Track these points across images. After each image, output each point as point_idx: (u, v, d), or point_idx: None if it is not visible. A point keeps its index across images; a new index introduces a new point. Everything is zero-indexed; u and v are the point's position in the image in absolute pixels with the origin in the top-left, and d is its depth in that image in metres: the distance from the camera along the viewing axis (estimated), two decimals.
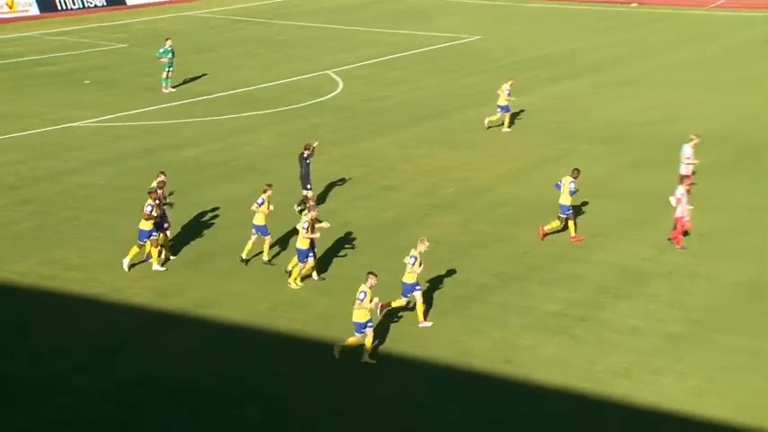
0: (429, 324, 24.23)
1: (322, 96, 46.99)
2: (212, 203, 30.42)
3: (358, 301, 22.33)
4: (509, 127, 40.50)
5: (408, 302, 24.43)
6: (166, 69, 45.85)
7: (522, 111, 43.46)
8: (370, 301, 22.26)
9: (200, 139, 38.98)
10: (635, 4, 74.51)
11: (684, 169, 31.63)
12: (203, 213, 29.76)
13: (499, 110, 40.48)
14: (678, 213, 28.22)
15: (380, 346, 22.62)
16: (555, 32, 64.31)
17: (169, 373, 21.62)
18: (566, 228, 29.71)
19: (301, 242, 25.96)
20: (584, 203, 31.76)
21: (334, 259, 27.80)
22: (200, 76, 49.53)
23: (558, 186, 29.79)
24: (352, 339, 22.54)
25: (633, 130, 41.02)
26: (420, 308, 24.08)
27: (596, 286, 26.28)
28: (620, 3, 75.58)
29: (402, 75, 52.22)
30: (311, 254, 25.89)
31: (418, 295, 24.01)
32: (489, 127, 40.15)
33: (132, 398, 20.63)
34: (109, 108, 43.00)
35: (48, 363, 21.65)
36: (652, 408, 20.86)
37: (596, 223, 29.91)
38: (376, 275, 22.42)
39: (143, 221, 26.02)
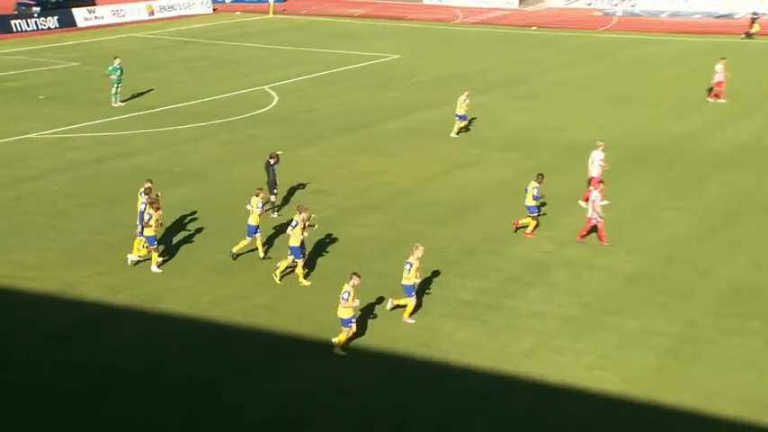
0: (411, 321, 24.31)
1: (260, 109, 46.86)
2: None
3: (342, 300, 22.29)
4: (457, 134, 41.42)
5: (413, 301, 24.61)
6: (115, 85, 45.25)
7: (447, 121, 43.56)
8: (353, 300, 22.27)
9: (148, 149, 38.56)
10: (535, 28, 75.27)
11: (595, 171, 32.12)
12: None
13: (457, 119, 41.16)
14: (589, 214, 28.70)
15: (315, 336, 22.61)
16: (469, 53, 64.66)
17: (144, 368, 21.17)
18: (537, 225, 30.22)
19: (293, 241, 25.97)
20: (496, 203, 32.05)
21: (273, 255, 27.71)
22: (147, 92, 48.99)
23: (527, 190, 30.23)
24: (342, 336, 22.66)
25: (537, 138, 41.59)
26: (410, 307, 24.27)
27: (505, 277, 26.80)
28: (523, 26, 76.32)
29: (331, 89, 52.23)
30: (303, 251, 25.90)
31: (412, 299, 24.15)
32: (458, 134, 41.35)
33: (123, 395, 20.12)
34: (63, 121, 42.45)
35: (29, 360, 21.44)
36: (555, 383, 21.33)
37: (507, 220, 30.15)
38: (359, 276, 22.44)
39: (146, 229, 25.82)
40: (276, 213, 30.79)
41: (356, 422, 19.47)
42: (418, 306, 23.96)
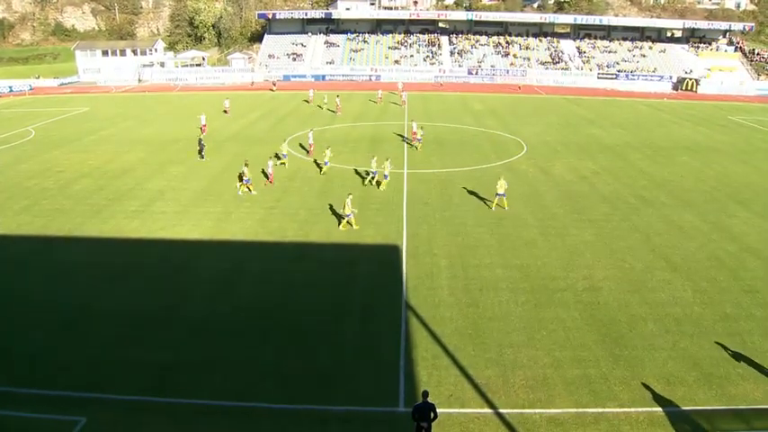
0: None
1: (26, 138, 38.09)
2: None
3: (348, 204, 18.03)
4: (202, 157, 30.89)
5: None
6: None
7: (113, 136, 37.88)
8: (352, 204, 17.82)
9: None
10: (147, 93, 64.62)
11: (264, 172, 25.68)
12: None
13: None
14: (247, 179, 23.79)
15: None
16: (119, 105, 53.54)
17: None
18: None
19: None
20: (141, 168, 28.35)
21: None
22: None
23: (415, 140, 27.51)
24: (345, 222, 18.53)
25: (150, 138, 36.74)
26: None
27: (143, 201, 23.33)
28: (141, 92, 65.61)
29: (60, 125, 42.88)
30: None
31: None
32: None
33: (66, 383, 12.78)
34: None
35: None
36: (173, 238, 19.24)
37: (156, 178, 27.04)
38: (351, 194, 18.81)
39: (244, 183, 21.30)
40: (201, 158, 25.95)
41: None
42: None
